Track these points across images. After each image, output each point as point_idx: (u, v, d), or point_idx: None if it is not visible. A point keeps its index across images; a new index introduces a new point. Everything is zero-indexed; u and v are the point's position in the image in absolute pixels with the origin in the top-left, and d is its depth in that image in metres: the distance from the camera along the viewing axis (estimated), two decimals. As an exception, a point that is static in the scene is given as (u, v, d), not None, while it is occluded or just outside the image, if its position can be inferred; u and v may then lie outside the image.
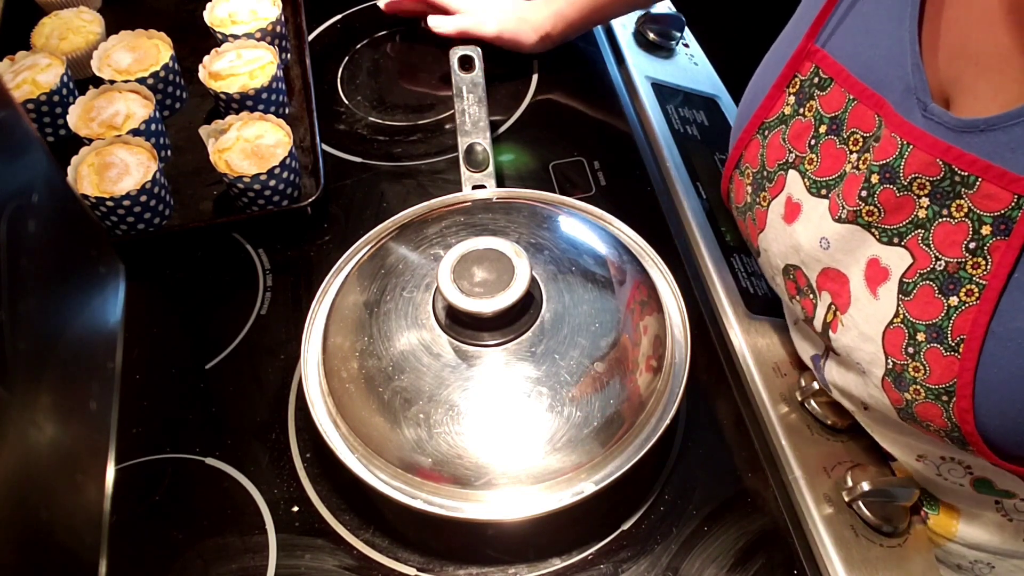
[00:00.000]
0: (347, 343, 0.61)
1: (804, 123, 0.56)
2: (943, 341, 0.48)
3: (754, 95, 0.61)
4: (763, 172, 0.60)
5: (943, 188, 0.48)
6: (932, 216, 0.48)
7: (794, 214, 0.57)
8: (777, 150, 0.58)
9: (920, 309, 0.49)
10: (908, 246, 0.50)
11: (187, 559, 0.60)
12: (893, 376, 0.51)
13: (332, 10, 0.99)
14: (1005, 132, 0.45)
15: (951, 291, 0.48)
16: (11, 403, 0.50)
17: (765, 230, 0.60)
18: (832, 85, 0.54)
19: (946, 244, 0.48)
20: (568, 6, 0.87)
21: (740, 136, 0.61)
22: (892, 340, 0.51)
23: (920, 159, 0.48)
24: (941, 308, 0.48)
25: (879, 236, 0.51)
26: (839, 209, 0.53)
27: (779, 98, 0.58)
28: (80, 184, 0.73)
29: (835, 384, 0.60)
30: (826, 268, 0.56)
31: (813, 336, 0.62)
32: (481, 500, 0.56)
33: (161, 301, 0.75)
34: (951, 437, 0.50)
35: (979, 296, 0.46)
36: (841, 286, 0.55)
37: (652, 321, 0.62)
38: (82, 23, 0.88)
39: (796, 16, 0.60)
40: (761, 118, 0.60)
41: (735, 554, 0.59)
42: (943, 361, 0.48)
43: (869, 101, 0.52)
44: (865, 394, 0.55)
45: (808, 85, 0.56)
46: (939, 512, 0.63)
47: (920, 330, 0.49)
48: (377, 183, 0.82)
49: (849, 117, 0.53)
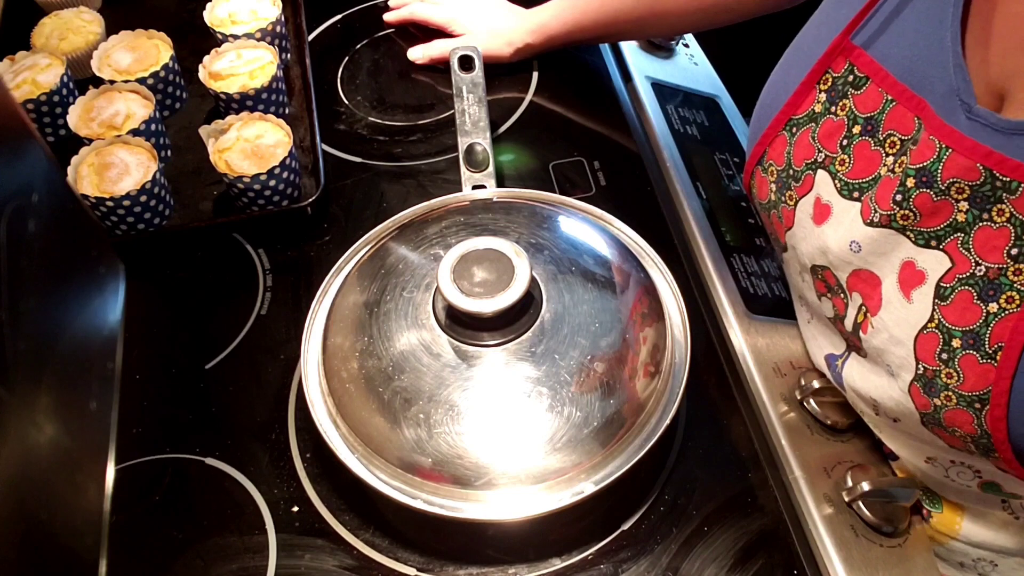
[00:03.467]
0: (347, 343, 0.61)
1: (836, 122, 0.55)
2: (980, 348, 0.47)
3: (779, 90, 0.59)
4: (789, 170, 0.58)
5: (983, 193, 0.46)
6: (972, 220, 0.47)
7: (823, 216, 0.56)
8: (806, 148, 0.57)
9: (957, 315, 0.48)
10: (947, 250, 0.48)
11: (187, 559, 0.60)
12: (923, 382, 0.50)
13: (332, 10, 0.99)
14: None
15: (991, 297, 0.47)
16: (11, 403, 0.50)
17: (793, 228, 0.59)
18: (868, 84, 0.53)
19: (987, 249, 0.47)
20: (553, 19, 0.87)
21: (765, 132, 0.60)
22: (925, 345, 0.50)
23: (959, 163, 0.47)
24: (980, 314, 0.47)
25: (915, 239, 0.50)
26: (871, 213, 0.52)
27: (809, 95, 0.57)
28: (80, 184, 0.73)
29: (852, 385, 0.59)
30: (857, 270, 0.54)
31: (831, 335, 0.61)
32: (481, 500, 0.56)
33: (161, 301, 0.75)
34: (977, 444, 0.49)
35: (1020, 303, 0.45)
36: (873, 288, 0.53)
37: (652, 321, 0.62)
38: (82, 23, 0.88)
39: (824, 11, 0.59)
40: (788, 114, 0.58)
41: (735, 554, 0.59)
42: (978, 368, 0.47)
43: (909, 103, 0.50)
44: (887, 397, 0.54)
45: (842, 83, 0.55)
46: (942, 510, 0.62)
47: (956, 336, 0.48)
48: (377, 183, 0.82)
49: (887, 118, 0.52)
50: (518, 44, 0.88)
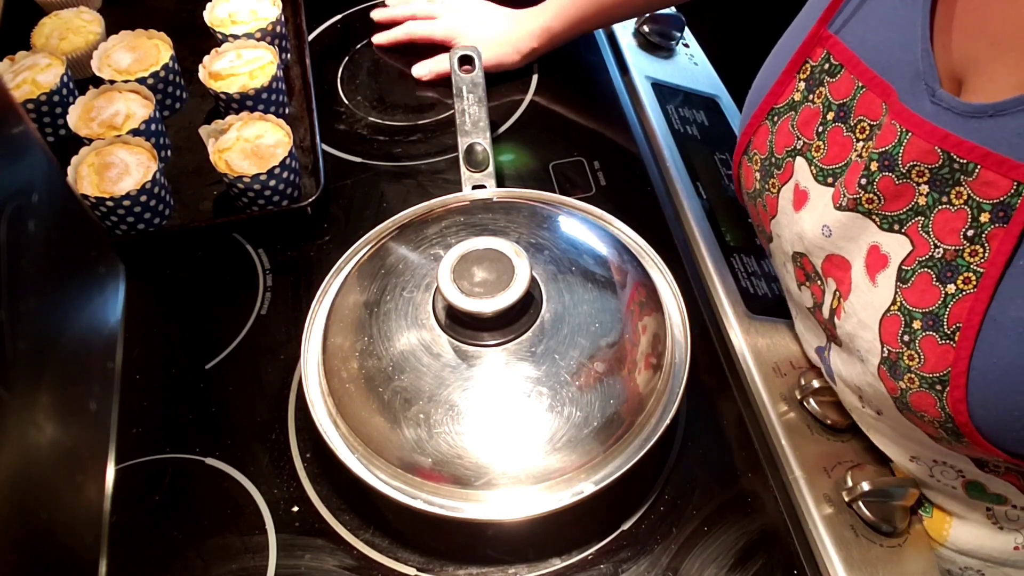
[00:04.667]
0: (347, 343, 0.61)
1: (813, 110, 0.56)
2: (939, 329, 0.48)
3: (764, 81, 0.60)
4: (771, 159, 0.59)
5: (942, 175, 0.47)
6: (932, 203, 0.48)
7: (801, 202, 0.57)
8: (786, 136, 0.58)
9: (917, 297, 0.49)
10: (908, 233, 0.49)
11: (187, 559, 0.60)
12: (888, 364, 0.51)
13: (332, 10, 0.99)
14: (1014, 118, 0.44)
15: (949, 279, 0.47)
16: (11, 403, 0.50)
17: (777, 216, 0.60)
18: (842, 71, 0.54)
19: (945, 231, 0.47)
20: (555, 19, 0.87)
21: (749, 122, 0.61)
22: (888, 328, 0.51)
23: (918, 147, 0.48)
24: (938, 296, 0.48)
25: (880, 223, 0.51)
26: (840, 197, 0.53)
27: (789, 84, 0.58)
28: (80, 184, 0.73)
29: (840, 375, 0.59)
30: (830, 255, 0.55)
31: (817, 328, 0.62)
32: (481, 500, 0.56)
33: (161, 301, 0.75)
34: (945, 428, 0.50)
35: (976, 284, 0.46)
36: (844, 272, 0.54)
37: (652, 321, 0.62)
38: (82, 23, 0.88)
39: (809, 2, 0.59)
40: (770, 104, 0.59)
41: (735, 554, 0.59)
42: (938, 349, 0.48)
43: (877, 89, 0.51)
44: (864, 383, 0.55)
45: (819, 71, 0.56)
46: (932, 515, 0.63)
47: (916, 318, 0.49)
48: (377, 183, 0.82)
49: (857, 104, 0.53)
50: (525, 50, 0.88)
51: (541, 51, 0.89)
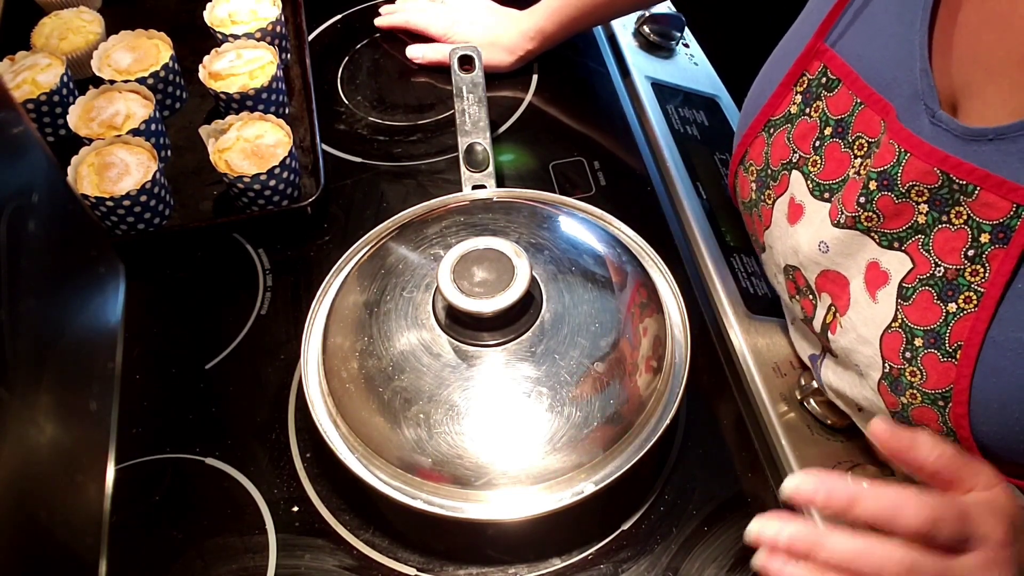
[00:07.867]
0: (347, 343, 0.61)
1: (810, 123, 0.56)
2: (940, 347, 0.48)
3: (761, 91, 0.60)
4: (767, 170, 0.59)
5: (941, 195, 0.47)
6: (932, 222, 0.48)
7: (796, 215, 0.57)
8: (782, 149, 0.58)
9: (919, 314, 0.49)
10: (908, 251, 0.50)
11: (187, 559, 0.60)
12: (890, 380, 0.51)
13: (332, 10, 0.99)
14: (1014, 142, 0.44)
15: (950, 297, 0.48)
16: (11, 403, 0.50)
17: (771, 227, 0.60)
18: (840, 86, 0.54)
19: (945, 250, 0.48)
20: (547, 20, 0.87)
21: (746, 132, 0.61)
22: (890, 344, 0.51)
23: (917, 167, 0.48)
24: (940, 314, 0.48)
25: (879, 240, 0.51)
26: (838, 214, 0.53)
27: (786, 96, 0.58)
28: (80, 184, 0.73)
29: (830, 385, 0.60)
30: (825, 270, 0.55)
31: (811, 336, 0.62)
32: (481, 500, 0.56)
33: (161, 301, 0.75)
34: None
35: (977, 303, 0.46)
36: (841, 288, 0.54)
37: (652, 321, 0.62)
38: (82, 23, 0.88)
39: (806, 11, 0.59)
40: (767, 115, 0.59)
41: (735, 554, 0.59)
42: (940, 367, 0.48)
43: (876, 106, 0.51)
44: (860, 396, 0.55)
45: (816, 85, 0.56)
46: None
47: (918, 335, 0.49)
48: (377, 183, 0.82)
49: (855, 121, 0.53)
50: (519, 52, 0.88)
51: (535, 52, 0.89)
